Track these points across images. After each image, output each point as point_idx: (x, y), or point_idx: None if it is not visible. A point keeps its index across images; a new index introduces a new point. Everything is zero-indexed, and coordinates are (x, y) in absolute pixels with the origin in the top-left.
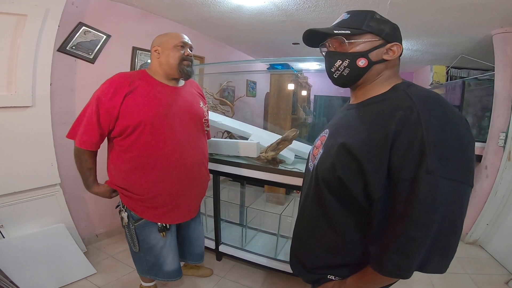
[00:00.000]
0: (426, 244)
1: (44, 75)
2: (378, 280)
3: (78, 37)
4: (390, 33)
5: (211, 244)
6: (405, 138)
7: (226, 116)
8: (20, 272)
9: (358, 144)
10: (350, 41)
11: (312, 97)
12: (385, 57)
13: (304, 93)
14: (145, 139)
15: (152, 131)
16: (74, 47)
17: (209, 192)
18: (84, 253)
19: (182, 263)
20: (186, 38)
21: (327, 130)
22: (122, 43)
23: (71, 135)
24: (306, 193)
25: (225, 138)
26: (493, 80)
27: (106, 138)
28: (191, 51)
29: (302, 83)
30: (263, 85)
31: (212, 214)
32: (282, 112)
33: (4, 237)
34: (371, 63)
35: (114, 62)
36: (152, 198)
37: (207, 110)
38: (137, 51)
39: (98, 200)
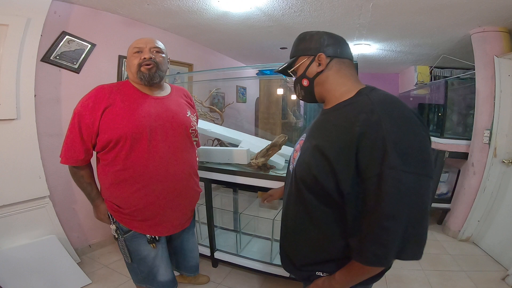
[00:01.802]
0: (399, 233)
1: (28, 86)
2: (364, 271)
3: (62, 46)
4: (314, 47)
5: (206, 251)
6: (368, 138)
7: (216, 123)
8: (14, 283)
9: (328, 145)
10: (293, 70)
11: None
12: (318, 69)
13: (293, 97)
14: (127, 153)
15: (133, 145)
16: (58, 57)
17: (202, 200)
18: (78, 263)
19: (177, 274)
20: (143, 41)
21: (305, 134)
22: (108, 52)
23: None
24: (289, 193)
25: (215, 145)
26: (475, 78)
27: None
28: (159, 52)
29: (291, 87)
30: (253, 91)
31: (205, 221)
32: (272, 117)
33: None
34: (311, 80)
35: (100, 71)
36: (137, 211)
37: (196, 119)
38: (124, 59)
39: (89, 211)
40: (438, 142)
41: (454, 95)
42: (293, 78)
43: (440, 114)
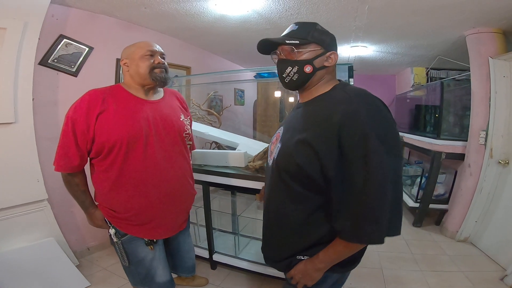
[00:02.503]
0: (388, 209)
1: (26, 90)
2: (348, 249)
3: (59, 50)
4: (329, 43)
5: (205, 254)
6: (349, 125)
7: (214, 126)
8: (12, 286)
9: (310, 135)
10: (299, 50)
11: None
12: (326, 63)
13: (291, 99)
14: (123, 159)
15: (129, 150)
16: (55, 60)
17: (200, 202)
18: (76, 266)
19: (175, 276)
20: (155, 46)
21: (282, 127)
22: (106, 55)
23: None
24: (269, 186)
25: (213, 148)
26: (470, 79)
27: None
28: (163, 58)
29: (289, 90)
30: (251, 93)
31: (203, 224)
32: (270, 120)
33: None
34: (315, 69)
35: (97, 74)
36: (134, 215)
37: (190, 122)
38: (123, 60)
39: None
40: (434, 143)
41: (450, 96)
42: (274, 56)
43: (436, 115)
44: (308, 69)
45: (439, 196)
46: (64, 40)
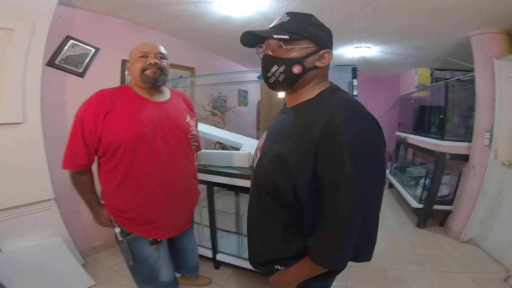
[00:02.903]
0: (354, 238)
1: (34, 91)
2: (316, 269)
3: (66, 50)
4: (324, 40)
5: (209, 253)
6: (326, 144)
7: (218, 127)
8: (19, 285)
9: (288, 151)
10: (288, 47)
11: None
12: (318, 64)
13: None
14: (129, 159)
15: (133, 151)
16: (63, 61)
17: (204, 203)
18: (82, 265)
19: (178, 275)
20: (149, 46)
21: (265, 132)
22: (111, 56)
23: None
24: (251, 193)
25: (217, 149)
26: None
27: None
28: (162, 58)
29: None
30: (255, 94)
31: (207, 224)
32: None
33: (1, 251)
34: (305, 70)
35: (103, 75)
36: (139, 215)
37: (196, 124)
38: (126, 63)
39: None
40: (439, 144)
41: (455, 97)
42: (260, 50)
43: (441, 116)
44: (296, 69)
45: (444, 197)
46: (71, 41)
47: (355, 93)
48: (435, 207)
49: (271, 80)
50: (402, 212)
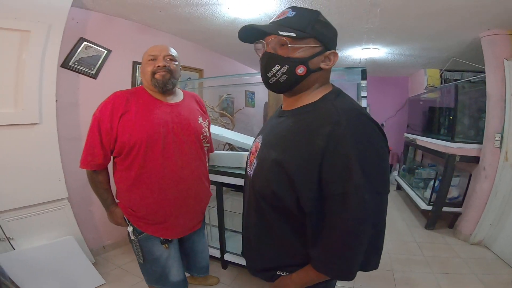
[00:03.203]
0: (362, 249)
1: (50, 92)
2: (320, 277)
3: (80, 52)
4: (331, 40)
5: (217, 253)
6: (332, 154)
7: (227, 128)
8: (31, 283)
9: (290, 160)
10: (293, 45)
11: None
12: (322, 65)
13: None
14: (142, 158)
15: (147, 151)
16: (76, 63)
17: (213, 203)
18: (92, 264)
19: (188, 275)
20: (158, 49)
21: (260, 136)
22: (123, 57)
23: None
24: (248, 200)
25: (226, 150)
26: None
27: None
28: (171, 59)
29: None
30: (262, 95)
31: (217, 224)
32: None
33: (14, 249)
34: (309, 71)
35: (115, 77)
36: (150, 214)
37: (208, 125)
38: (137, 65)
39: (104, 213)
40: (448, 146)
41: (465, 99)
42: (259, 46)
43: (451, 117)
44: (301, 70)
45: (453, 199)
46: (84, 43)
47: (364, 94)
48: (444, 209)
49: (271, 81)
50: (410, 214)
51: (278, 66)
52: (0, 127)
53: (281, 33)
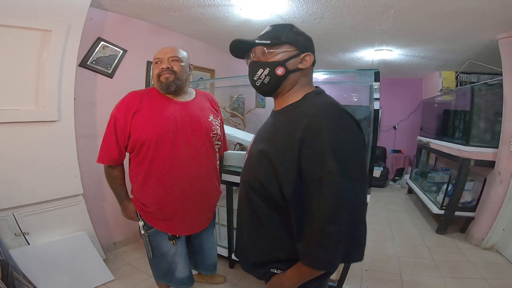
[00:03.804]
0: (341, 236)
1: (69, 90)
2: (311, 272)
3: (97, 52)
4: (304, 44)
5: (224, 252)
6: (309, 143)
7: (238, 128)
8: (43, 278)
9: (272, 150)
10: (270, 50)
11: None
12: (300, 66)
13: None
14: (152, 155)
15: (156, 148)
16: (94, 62)
17: (222, 202)
18: (103, 260)
19: (195, 272)
20: (163, 52)
21: (254, 135)
22: (137, 57)
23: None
24: (240, 194)
25: (237, 150)
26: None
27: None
28: (178, 61)
29: None
30: None
31: (225, 223)
32: None
33: (29, 244)
34: (288, 72)
35: (130, 76)
36: (158, 210)
37: (221, 123)
38: (151, 65)
39: (117, 209)
40: (463, 150)
41: (482, 101)
42: (248, 60)
43: (466, 121)
44: (280, 71)
45: (466, 204)
46: (102, 42)
47: (377, 96)
48: (457, 213)
49: (257, 83)
50: (421, 218)
51: (261, 70)
52: (21, 124)
53: (257, 41)
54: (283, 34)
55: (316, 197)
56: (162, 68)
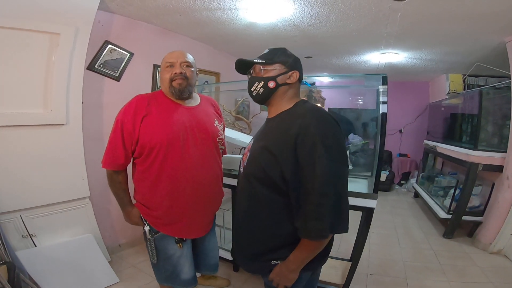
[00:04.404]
0: (330, 207)
1: (77, 93)
2: (312, 247)
3: (105, 55)
4: (292, 64)
5: (228, 256)
6: (303, 136)
7: (243, 132)
8: (49, 279)
9: (273, 144)
10: (265, 68)
11: (326, 109)
12: (288, 81)
13: (318, 106)
14: (162, 159)
15: (166, 153)
16: (101, 65)
17: (227, 205)
18: (108, 262)
19: (198, 274)
20: (175, 56)
21: (252, 139)
22: (144, 60)
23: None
24: (241, 191)
25: (243, 154)
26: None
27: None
28: (189, 66)
29: (316, 96)
30: None
31: (230, 227)
32: None
33: (36, 246)
34: (278, 85)
35: (137, 79)
36: (166, 214)
37: (223, 128)
38: (157, 68)
39: (122, 212)
40: (471, 154)
41: (490, 105)
42: (249, 75)
43: (474, 125)
44: (271, 84)
45: (474, 208)
46: (109, 46)
47: (384, 99)
48: (464, 217)
49: (253, 94)
50: (428, 222)
51: (257, 83)
52: (30, 127)
53: (255, 61)
54: (275, 55)
55: (310, 176)
56: (176, 73)
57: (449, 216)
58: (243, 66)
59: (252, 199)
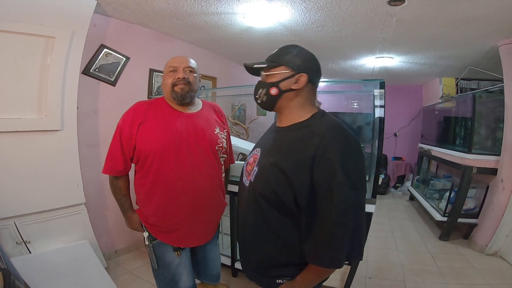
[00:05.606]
0: (347, 238)
1: (71, 99)
2: (321, 273)
3: (100, 59)
4: (301, 66)
5: (227, 261)
6: (320, 159)
7: (241, 138)
8: (44, 286)
9: (287, 164)
10: (267, 73)
11: None
12: (294, 86)
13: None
14: (157, 167)
15: (161, 160)
16: (97, 70)
17: (226, 211)
18: (104, 268)
19: (198, 281)
20: (178, 61)
21: (258, 149)
22: (140, 65)
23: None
24: (246, 205)
25: (240, 160)
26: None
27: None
28: (192, 71)
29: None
30: None
31: (228, 232)
32: None
33: (30, 253)
34: (281, 92)
35: (133, 84)
36: (162, 222)
37: (227, 136)
38: (154, 72)
39: (118, 218)
40: (465, 158)
41: (483, 108)
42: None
43: (467, 128)
44: (273, 91)
45: (469, 211)
46: (105, 50)
47: (381, 103)
48: (460, 220)
49: (258, 101)
50: (424, 225)
51: (261, 90)
52: (24, 133)
53: (255, 66)
54: (281, 56)
55: (326, 204)
56: (178, 78)
57: (445, 219)
58: (251, 71)
59: (258, 217)
